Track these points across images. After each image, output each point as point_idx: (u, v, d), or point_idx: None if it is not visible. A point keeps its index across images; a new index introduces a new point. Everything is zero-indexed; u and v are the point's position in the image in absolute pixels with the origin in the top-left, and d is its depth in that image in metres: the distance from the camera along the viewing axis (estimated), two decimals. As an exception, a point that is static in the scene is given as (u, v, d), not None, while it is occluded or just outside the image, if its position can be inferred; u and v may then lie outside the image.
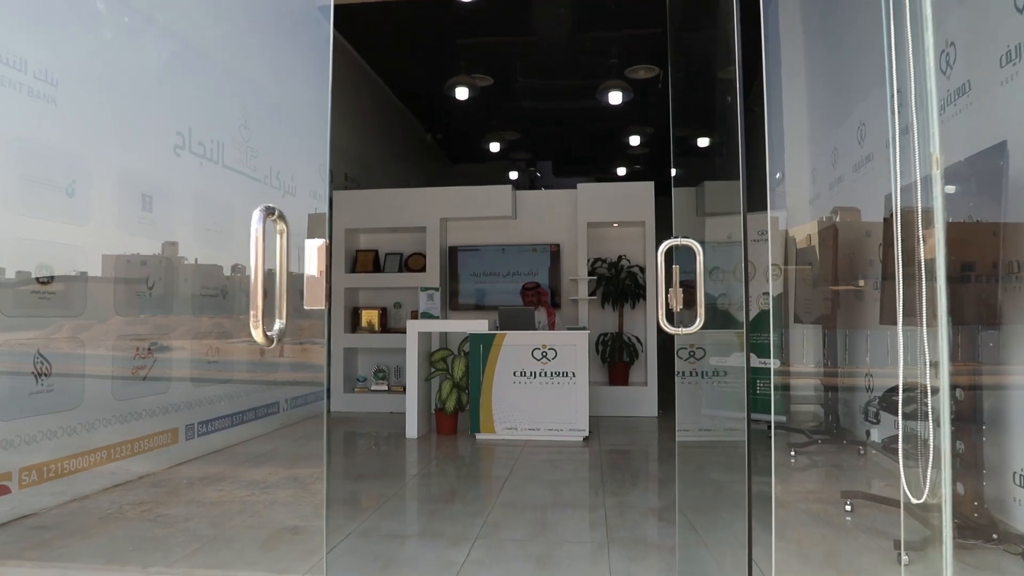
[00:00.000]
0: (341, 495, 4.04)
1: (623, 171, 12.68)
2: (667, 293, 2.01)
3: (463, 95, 7.85)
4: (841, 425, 4.61)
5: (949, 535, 1.33)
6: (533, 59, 8.06)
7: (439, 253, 7.26)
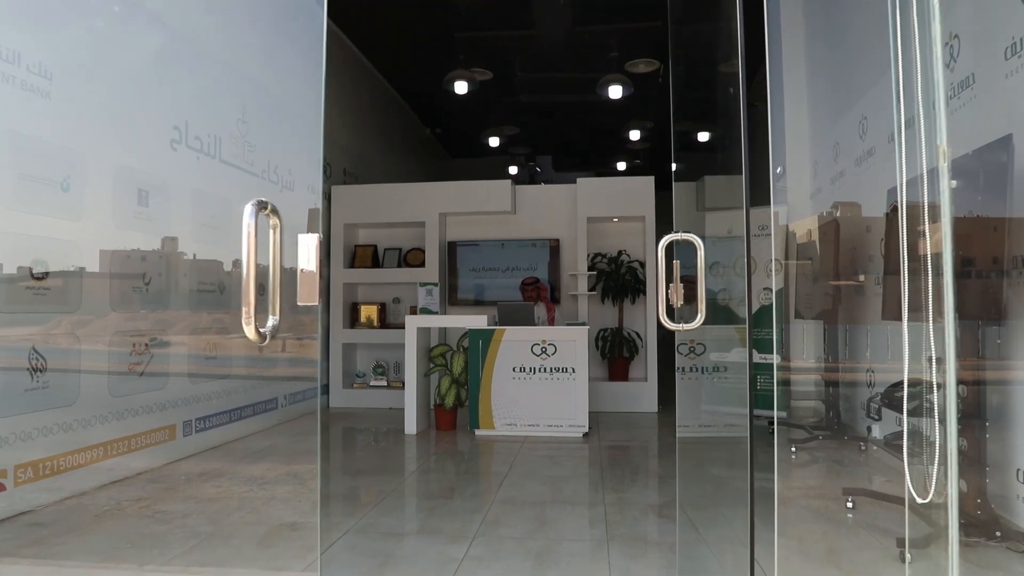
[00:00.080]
0: (339, 491, 4.02)
1: (623, 166, 12.64)
2: (668, 288, 1.98)
3: (462, 89, 7.80)
4: (842, 421, 4.59)
5: (955, 536, 1.31)
6: (532, 53, 8.01)
7: (438, 248, 7.23)
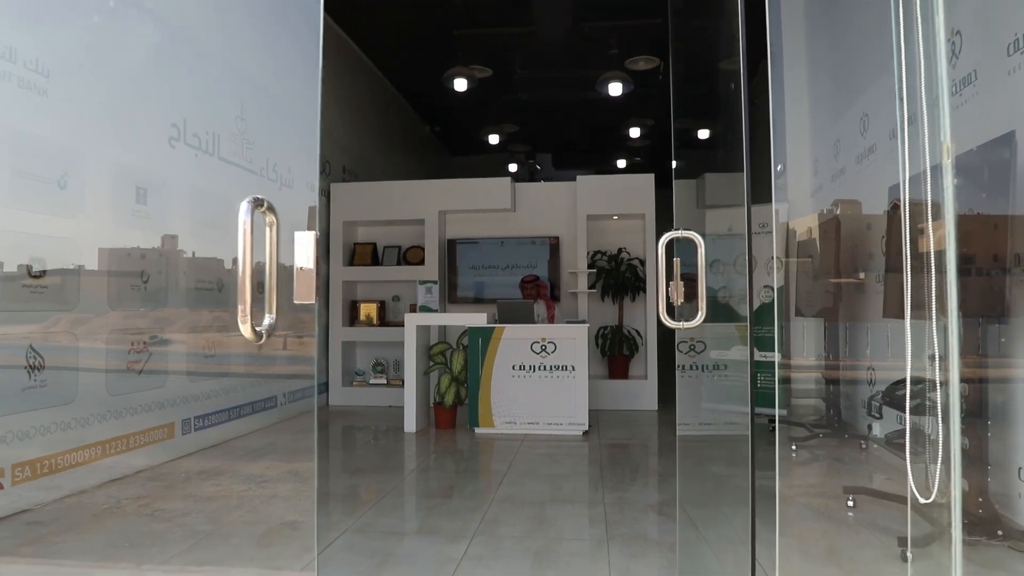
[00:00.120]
0: (339, 490, 4.01)
1: (623, 163, 12.61)
2: (668, 286, 1.96)
3: (462, 87, 7.78)
4: (843, 419, 4.58)
5: (959, 536, 1.29)
6: (532, 50, 7.99)
7: (438, 246, 7.21)
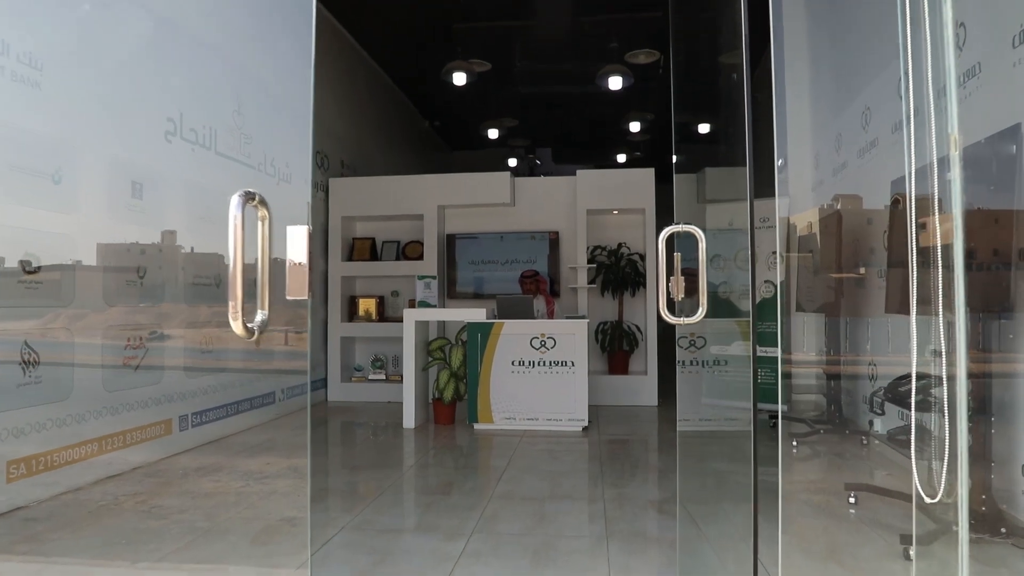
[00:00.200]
0: (337, 486, 3.99)
1: (623, 158, 12.57)
2: (668, 281, 1.93)
3: (460, 80, 7.73)
4: (843, 415, 4.56)
5: (965, 537, 1.27)
6: (531, 44, 7.94)
7: (437, 241, 7.18)
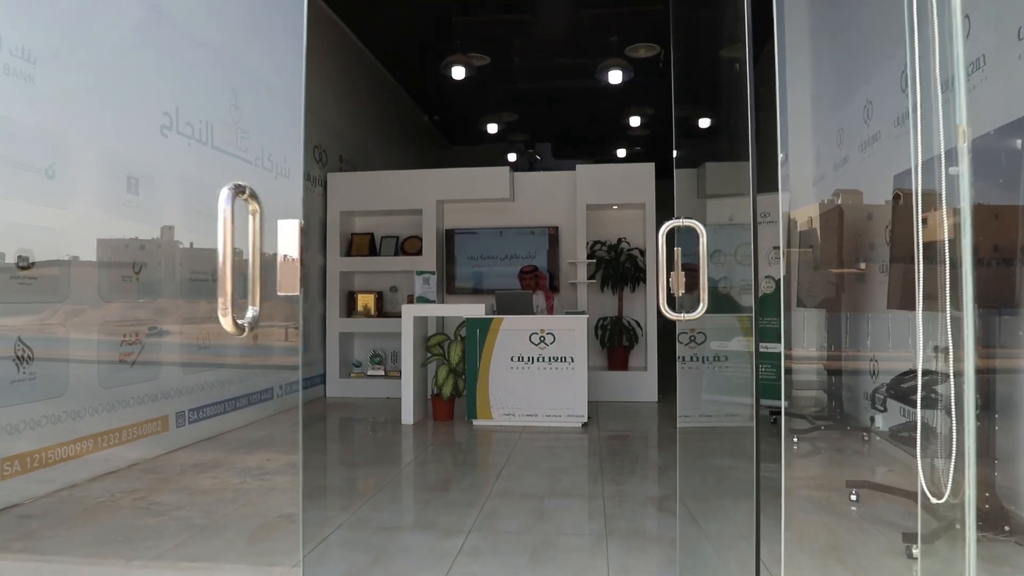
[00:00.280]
0: (334, 483, 3.97)
1: (623, 153, 12.52)
2: (668, 277, 1.90)
3: (459, 75, 7.69)
4: (844, 411, 4.53)
5: (973, 538, 1.24)
6: (531, 38, 7.89)
7: (436, 236, 7.15)
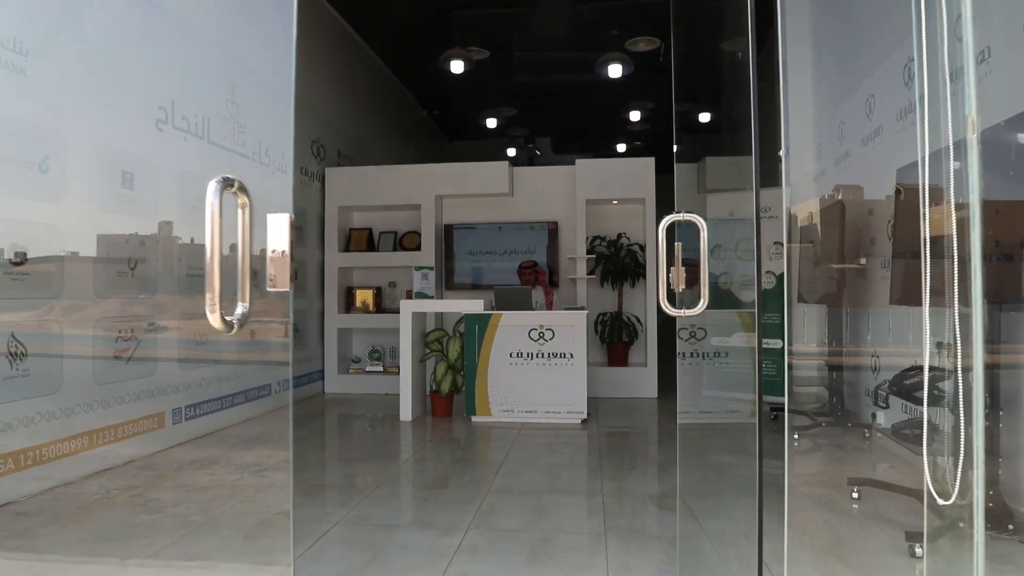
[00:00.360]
0: (332, 480, 3.95)
1: (623, 147, 12.47)
2: (668, 272, 1.87)
3: (458, 68, 7.64)
4: (846, 407, 4.50)
5: (981, 540, 1.21)
6: (530, 31, 7.84)
7: (434, 231, 7.11)
